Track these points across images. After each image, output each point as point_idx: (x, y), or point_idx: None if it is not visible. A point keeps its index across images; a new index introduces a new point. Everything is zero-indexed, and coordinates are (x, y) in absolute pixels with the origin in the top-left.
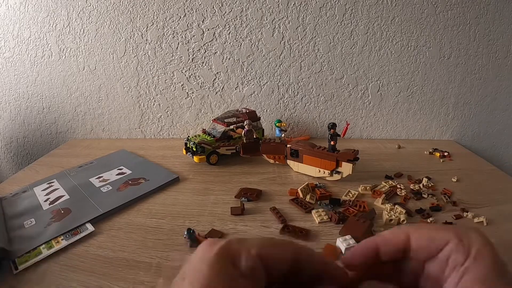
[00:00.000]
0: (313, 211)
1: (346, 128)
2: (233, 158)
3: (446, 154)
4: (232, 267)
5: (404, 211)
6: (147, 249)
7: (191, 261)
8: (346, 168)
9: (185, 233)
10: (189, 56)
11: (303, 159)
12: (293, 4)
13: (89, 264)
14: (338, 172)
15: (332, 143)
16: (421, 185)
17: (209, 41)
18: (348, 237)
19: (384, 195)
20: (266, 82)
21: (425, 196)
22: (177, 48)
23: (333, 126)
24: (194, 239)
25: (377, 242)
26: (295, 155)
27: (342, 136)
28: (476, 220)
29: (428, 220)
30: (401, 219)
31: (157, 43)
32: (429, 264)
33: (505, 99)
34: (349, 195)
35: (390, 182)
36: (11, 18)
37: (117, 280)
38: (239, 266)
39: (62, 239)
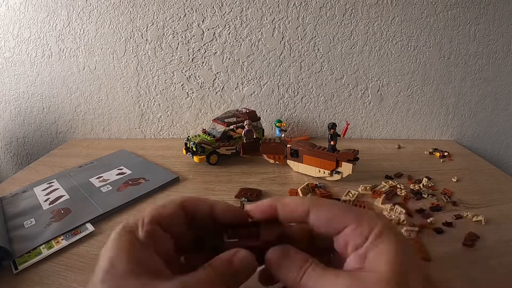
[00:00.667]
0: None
1: (346, 128)
2: (233, 158)
3: (446, 154)
4: (130, 237)
5: (404, 211)
6: None
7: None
8: (346, 168)
9: None
10: (189, 56)
11: (303, 159)
12: (293, 4)
13: (89, 264)
14: (338, 172)
15: (332, 143)
16: (421, 185)
17: (209, 41)
18: None
19: (384, 195)
20: (266, 82)
21: (425, 196)
22: (177, 48)
23: (333, 126)
24: None
25: (277, 205)
26: (295, 155)
27: (342, 136)
28: (475, 219)
29: (428, 220)
30: (401, 219)
31: (157, 43)
32: (335, 240)
33: (505, 99)
34: (349, 195)
35: (390, 182)
36: (11, 18)
37: None
38: (136, 235)
39: (62, 239)
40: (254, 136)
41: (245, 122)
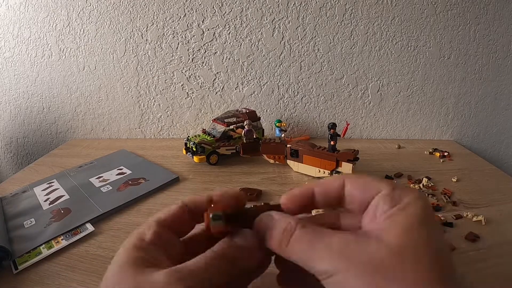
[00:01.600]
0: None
1: (346, 128)
2: (233, 158)
3: (446, 154)
4: (140, 240)
5: None
6: None
7: None
8: (346, 168)
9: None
10: (189, 56)
11: (303, 159)
12: (293, 4)
13: (89, 264)
14: (338, 172)
15: (332, 143)
16: (421, 185)
17: (209, 41)
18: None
19: None
20: (266, 82)
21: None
22: (177, 48)
23: (333, 126)
24: None
25: (314, 187)
26: (295, 155)
27: (342, 136)
28: (475, 219)
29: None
30: None
31: (157, 43)
32: (365, 216)
33: (505, 99)
34: None
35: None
36: (11, 18)
37: None
38: (143, 237)
39: (62, 239)
40: (254, 136)
41: (245, 122)
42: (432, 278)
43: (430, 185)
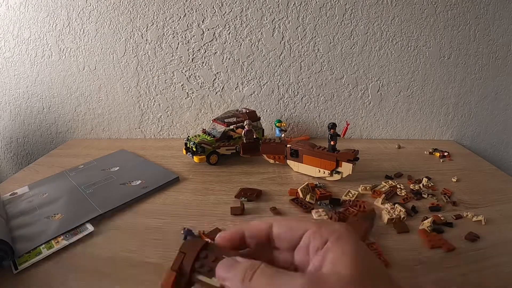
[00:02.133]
0: (313, 211)
1: (346, 128)
2: (233, 158)
3: (446, 154)
4: None
5: (404, 210)
6: (147, 249)
7: None
8: (346, 168)
9: (182, 232)
10: (189, 56)
11: (303, 159)
12: (293, 4)
13: (89, 264)
14: (338, 172)
15: (332, 143)
16: (421, 185)
17: (209, 41)
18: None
19: (384, 195)
20: (266, 82)
21: (425, 196)
22: (177, 48)
23: (333, 126)
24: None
25: (243, 228)
26: (295, 155)
27: (342, 136)
28: (474, 219)
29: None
30: (402, 217)
31: (157, 43)
32: (296, 253)
33: (505, 99)
34: (349, 195)
35: (390, 182)
36: (11, 18)
37: (117, 280)
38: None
39: (62, 239)
40: (254, 136)
41: (245, 122)
42: None
43: (430, 185)
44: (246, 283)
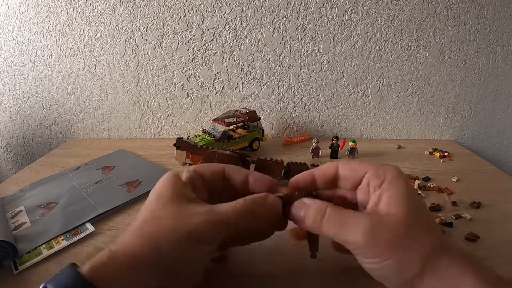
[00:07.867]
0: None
1: (343, 144)
2: None
3: (446, 154)
4: (177, 179)
5: None
6: None
7: None
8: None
9: None
10: (189, 56)
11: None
12: (293, 4)
13: None
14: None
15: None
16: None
17: (209, 41)
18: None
19: None
20: (266, 82)
21: (425, 196)
22: (177, 48)
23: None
24: None
25: (314, 172)
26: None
27: (340, 149)
28: (475, 219)
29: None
30: None
31: (157, 43)
32: (358, 192)
33: (505, 99)
34: None
35: None
36: (11, 18)
37: None
38: (181, 178)
39: (62, 239)
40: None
41: (312, 140)
42: (427, 232)
43: (430, 185)
44: (317, 225)
